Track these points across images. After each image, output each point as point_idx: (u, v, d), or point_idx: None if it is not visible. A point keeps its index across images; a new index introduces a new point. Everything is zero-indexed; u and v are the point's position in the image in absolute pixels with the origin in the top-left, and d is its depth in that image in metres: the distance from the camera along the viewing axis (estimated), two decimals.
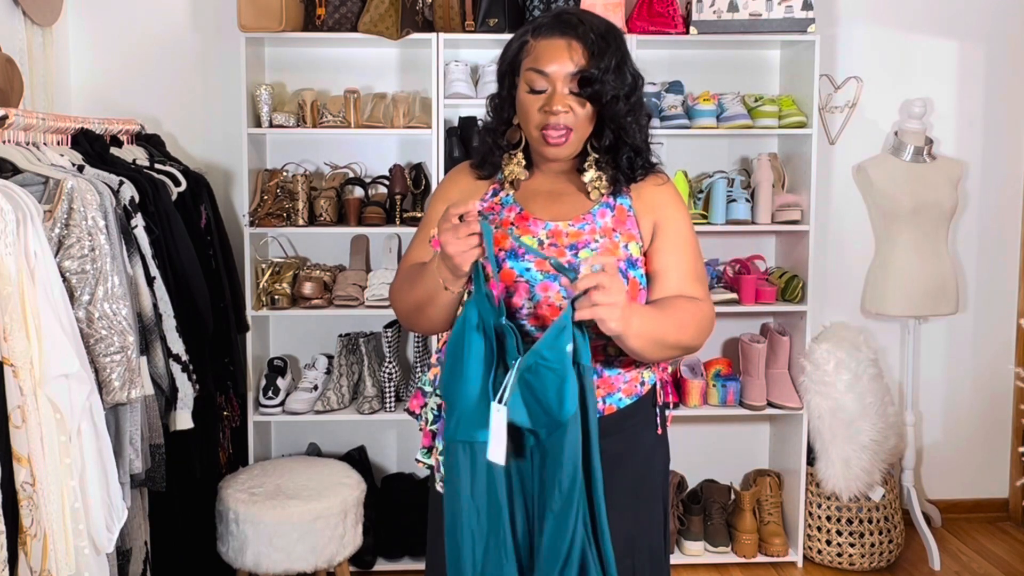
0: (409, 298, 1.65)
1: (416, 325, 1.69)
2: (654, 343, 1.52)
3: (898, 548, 3.30)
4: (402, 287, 1.69)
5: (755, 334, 3.42)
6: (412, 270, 1.68)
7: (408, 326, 1.72)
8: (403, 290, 1.68)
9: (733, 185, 3.25)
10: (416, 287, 1.62)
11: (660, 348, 1.55)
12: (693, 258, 1.68)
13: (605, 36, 1.59)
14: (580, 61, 1.57)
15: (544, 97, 1.59)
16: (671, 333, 1.55)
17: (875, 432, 3.19)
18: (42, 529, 1.74)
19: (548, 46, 1.59)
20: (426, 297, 1.59)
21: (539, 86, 1.59)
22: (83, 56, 3.28)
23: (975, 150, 3.56)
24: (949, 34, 3.50)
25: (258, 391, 3.20)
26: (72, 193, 1.97)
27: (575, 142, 1.62)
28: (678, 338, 1.57)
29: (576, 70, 1.57)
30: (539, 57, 1.59)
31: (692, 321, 1.60)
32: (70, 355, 1.77)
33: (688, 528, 3.34)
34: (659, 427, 1.73)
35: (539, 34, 1.61)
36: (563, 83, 1.58)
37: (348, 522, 2.69)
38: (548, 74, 1.58)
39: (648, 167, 1.69)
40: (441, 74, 3.11)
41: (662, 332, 1.53)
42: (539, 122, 1.60)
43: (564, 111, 1.58)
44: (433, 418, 1.70)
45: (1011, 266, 3.63)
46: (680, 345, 1.59)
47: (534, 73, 1.59)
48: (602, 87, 1.57)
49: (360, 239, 3.39)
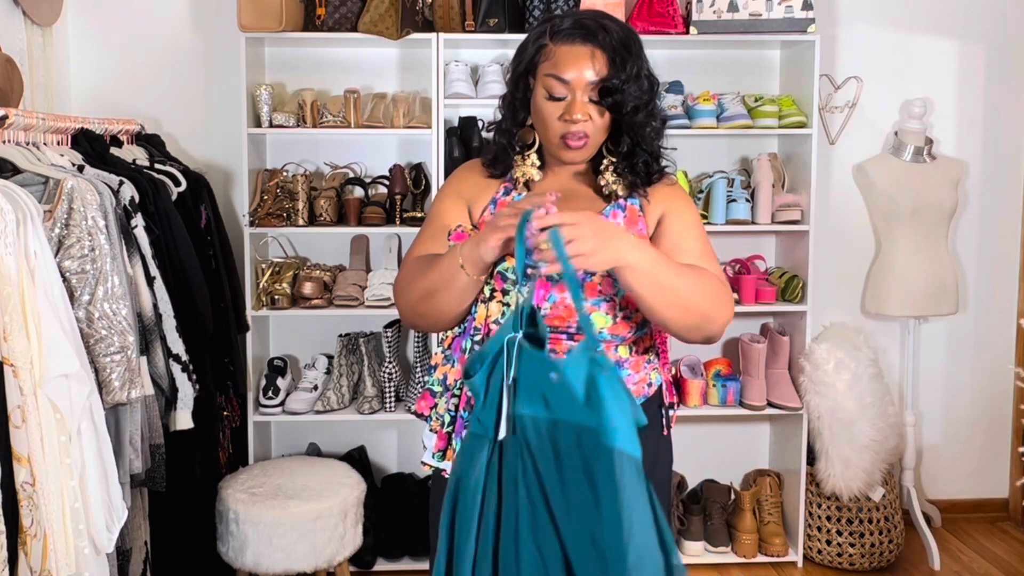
0: (420, 284, 1.61)
1: (422, 316, 1.64)
2: (664, 289, 1.48)
3: (898, 548, 3.30)
4: (412, 275, 1.64)
5: (755, 334, 3.42)
6: (424, 258, 1.65)
7: (413, 318, 1.67)
8: (413, 278, 1.64)
9: (733, 185, 3.25)
10: (430, 272, 1.59)
11: (673, 299, 1.50)
12: (703, 240, 1.67)
13: (626, 44, 1.58)
14: (602, 71, 1.56)
15: (564, 105, 1.58)
16: (682, 286, 1.51)
17: (875, 432, 3.19)
18: (42, 529, 1.74)
19: (569, 53, 1.58)
20: (441, 282, 1.56)
21: (558, 93, 1.58)
22: (83, 56, 3.28)
23: (975, 150, 3.56)
24: (949, 34, 3.50)
25: (258, 391, 3.20)
26: (72, 193, 1.97)
27: (592, 147, 1.63)
28: (690, 294, 1.52)
29: (597, 79, 1.57)
30: (559, 63, 1.58)
31: (708, 283, 1.56)
32: (70, 355, 1.77)
33: (688, 528, 3.34)
34: (664, 428, 1.73)
35: (559, 39, 1.59)
36: (583, 91, 1.57)
37: (348, 522, 2.69)
38: (568, 81, 1.57)
39: (662, 172, 1.69)
40: (441, 74, 3.11)
41: (672, 279, 1.49)
42: (558, 129, 1.59)
43: (584, 119, 1.57)
44: (450, 419, 1.66)
45: (1011, 266, 3.63)
46: (694, 303, 1.52)
47: (553, 79, 1.58)
48: (623, 97, 1.57)
49: (360, 239, 3.39)
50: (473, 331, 1.64)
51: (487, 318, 1.62)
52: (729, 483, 3.50)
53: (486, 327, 1.62)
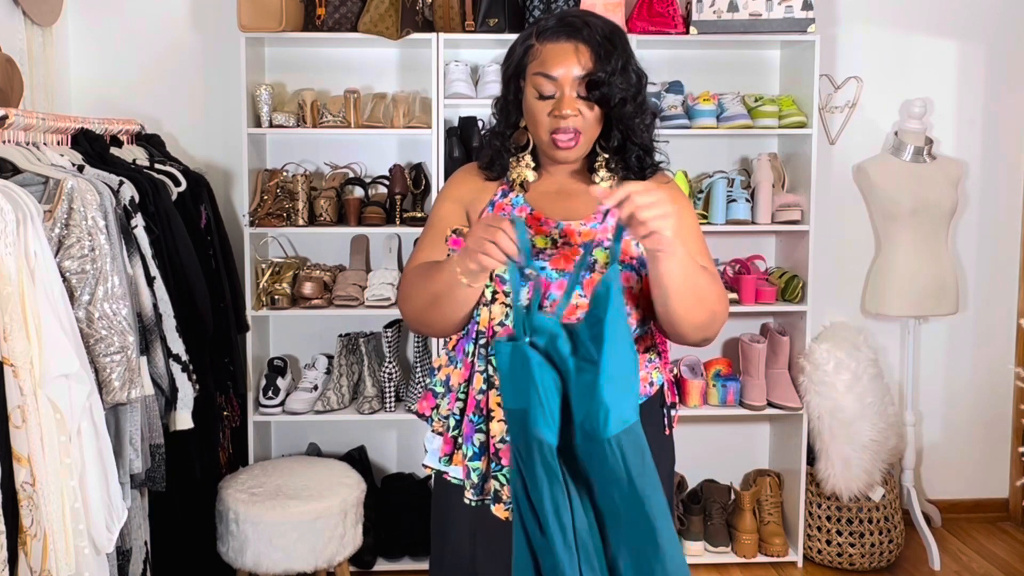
0: (424, 292, 1.62)
1: (428, 323, 1.65)
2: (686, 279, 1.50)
3: (898, 548, 3.30)
4: (414, 282, 1.65)
5: (755, 334, 3.42)
6: (426, 265, 1.66)
7: (418, 326, 1.68)
8: (416, 285, 1.65)
9: (733, 185, 3.25)
10: (433, 280, 1.60)
11: (693, 292, 1.53)
12: (703, 242, 1.70)
13: (610, 38, 1.59)
14: (587, 64, 1.57)
15: (552, 102, 1.59)
16: (702, 281, 1.55)
17: (875, 432, 3.19)
18: (42, 529, 1.74)
19: (554, 50, 1.59)
20: (441, 292, 1.57)
21: (547, 91, 1.59)
22: (83, 56, 3.28)
23: (975, 150, 3.56)
24: (949, 34, 3.50)
25: (258, 391, 3.20)
26: (72, 193, 1.97)
27: (584, 144, 1.63)
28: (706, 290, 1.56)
29: (584, 73, 1.58)
30: (546, 61, 1.59)
31: (716, 282, 1.61)
32: (70, 355, 1.77)
33: (688, 528, 3.34)
34: (666, 427, 1.73)
35: (544, 38, 1.61)
36: (571, 87, 1.58)
37: (348, 522, 2.69)
38: (556, 78, 1.58)
39: (655, 166, 1.70)
40: (441, 74, 3.11)
41: (695, 271, 1.53)
42: (549, 126, 1.60)
43: (573, 115, 1.58)
44: (455, 423, 1.67)
45: (1011, 266, 3.63)
46: (707, 300, 1.57)
47: (541, 78, 1.59)
48: (610, 89, 1.58)
49: (360, 239, 3.39)
50: (477, 335, 1.65)
51: (491, 321, 1.63)
52: (729, 483, 3.50)
53: (490, 330, 1.63)
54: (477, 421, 1.63)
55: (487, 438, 1.62)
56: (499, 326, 1.62)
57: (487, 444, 1.62)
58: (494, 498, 1.62)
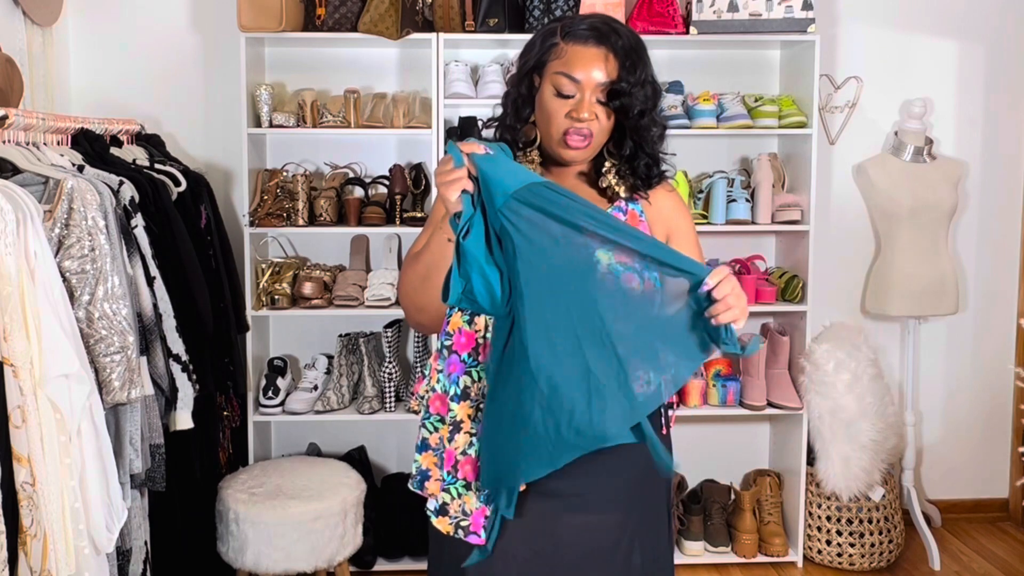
0: (418, 267, 1.61)
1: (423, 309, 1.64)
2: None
3: (898, 548, 3.30)
4: (409, 264, 1.66)
5: (755, 334, 3.42)
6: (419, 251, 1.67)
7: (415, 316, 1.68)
8: (410, 265, 1.65)
9: (733, 185, 3.25)
10: (422, 255, 1.60)
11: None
12: (701, 252, 1.75)
13: (636, 49, 1.61)
14: (612, 73, 1.59)
15: (572, 103, 1.60)
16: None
17: (875, 432, 3.18)
18: (42, 529, 1.74)
19: (582, 52, 1.60)
20: (432, 261, 1.57)
21: (567, 91, 1.60)
22: (83, 56, 3.28)
23: (975, 150, 3.56)
24: (949, 34, 3.50)
25: (258, 391, 3.20)
26: (72, 193, 1.97)
27: (593, 148, 1.64)
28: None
29: (607, 80, 1.59)
30: (570, 62, 1.59)
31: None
32: (70, 355, 1.77)
33: (688, 528, 3.34)
34: (664, 427, 1.73)
35: (571, 38, 1.61)
36: (592, 91, 1.59)
37: (348, 522, 2.69)
38: (579, 80, 1.59)
39: (662, 175, 1.72)
40: (441, 74, 3.11)
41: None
42: (563, 126, 1.61)
43: (591, 119, 1.59)
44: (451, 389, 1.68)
45: (1011, 266, 3.63)
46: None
47: (564, 77, 1.59)
48: (631, 100, 1.59)
49: (360, 239, 3.39)
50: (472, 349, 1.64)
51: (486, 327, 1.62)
52: (729, 483, 3.50)
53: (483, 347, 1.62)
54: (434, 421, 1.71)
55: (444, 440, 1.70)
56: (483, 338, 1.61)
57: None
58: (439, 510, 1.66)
